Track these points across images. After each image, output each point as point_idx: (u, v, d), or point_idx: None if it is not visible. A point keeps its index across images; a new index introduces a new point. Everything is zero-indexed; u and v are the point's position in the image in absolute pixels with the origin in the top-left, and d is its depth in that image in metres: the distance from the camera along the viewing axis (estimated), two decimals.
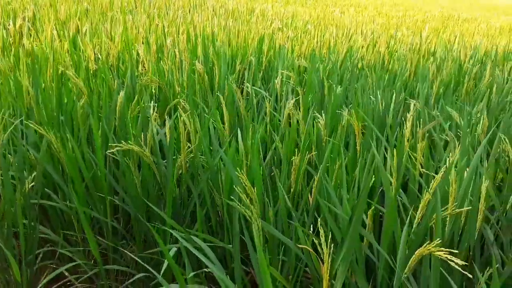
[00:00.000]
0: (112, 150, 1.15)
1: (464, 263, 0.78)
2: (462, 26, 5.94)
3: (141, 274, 1.30)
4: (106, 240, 1.42)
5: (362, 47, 3.30)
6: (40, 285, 1.35)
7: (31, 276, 1.39)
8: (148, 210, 1.37)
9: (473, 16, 9.45)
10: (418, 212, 0.99)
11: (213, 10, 4.83)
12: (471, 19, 8.39)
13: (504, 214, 1.26)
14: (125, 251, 1.27)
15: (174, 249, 1.10)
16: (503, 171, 1.44)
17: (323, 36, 3.52)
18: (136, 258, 1.16)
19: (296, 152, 1.24)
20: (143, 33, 2.73)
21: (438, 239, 0.75)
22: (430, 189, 0.93)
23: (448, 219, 0.96)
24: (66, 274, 1.47)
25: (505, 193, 1.25)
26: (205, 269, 1.04)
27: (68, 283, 1.52)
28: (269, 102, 1.99)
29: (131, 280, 1.35)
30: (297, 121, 1.58)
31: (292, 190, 1.23)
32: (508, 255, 1.20)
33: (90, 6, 4.14)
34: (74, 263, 1.38)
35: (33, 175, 1.34)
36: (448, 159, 0.98)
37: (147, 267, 1.05)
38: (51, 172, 1.39)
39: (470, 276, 0.84)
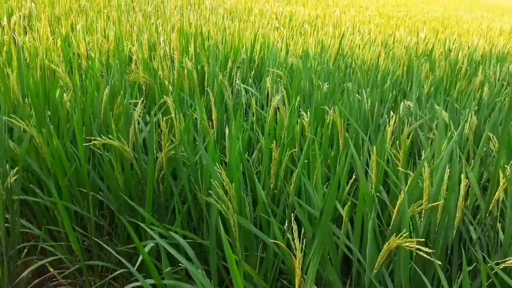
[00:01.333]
0: (89, 144, 1.15)
1: (439, 262, 0.78)
2: (462, 27, 5.92)
3: (122, 270, 1.30)
4: (90, 236, 1.42)
5: (358, 46, 3.29)
6: (21, 278, 1.35)
7: (13, 270, 1.39)
8: (131, 206, 1.37)
9: (474, 16, 9.42)
10: (395, 209, 0.98)
11: (211, 9, 4.83)
12: (472, 19, 8.36)
13: (488, 214, 1.25)
14: (106, 246, 1.27)
15: (150, 245, 1.10)
16: (489, 170, 1.43)
17: (319, 35, 3.51)
18: (115, 253, 1.16)
19: (276, 147, 1.24)
20: (136, 31, 2.73)
21: (404, 231, 0.75)
22: (406, 187, 0.92)
23: (422, 215, 0.95)
24: (50, 268, 1.47)
25: (490, 192, 1.24)
26: (181, 265, 1.03)
27: (54, 279, 1.52)
28: (259, 100, 1.99)
29: (112, 276, 1.35)
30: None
31: (272, 185, 1.23)
32: (490, 255, 1.19)
33: (87, 3, 4.15)
34: (56, 257, 1.38)
35: (15, 169, 1.34)
36: (423, 157, 0.98)
37: (124, 261, 1.04)
38: (35, 167, 1.39)
39: (442, 275, 0.83)
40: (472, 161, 1.38)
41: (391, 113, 1.47)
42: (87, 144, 1.20)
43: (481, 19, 8.84)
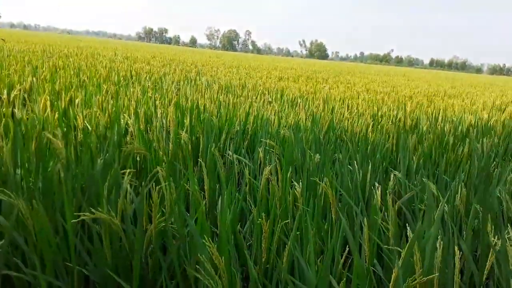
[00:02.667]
0: (78, 220, 1.13)
1: None
2: (447, 102, 6.19)
3: None
4: None
5: (347, 119, 3.41)
6: None
7: None
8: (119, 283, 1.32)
9: (458, 92, 9.88)
10: (391, 283, 0.95)
11: (207, 85, 5.04)
12: (457, 94, 8.75)
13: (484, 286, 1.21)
14: None
15: None
16: (481, 242, 1.41)
17: (310, 109, 3.64)
18: None
19: (267, 220, 1.22)
20: (134, 104, 2.83)
21: None
22: (399, 261, 0.91)
23: None
24: None
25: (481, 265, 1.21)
26: None
27: None
28: (251, 171, 2.01)
29: None
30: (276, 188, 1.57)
31: (264, 259, 1.19)
32: None
33: (87, 80, 4.32)
34: None
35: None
36: (411, 229, 0.97)
37: None
38: (20, 241, 1.35)
39: None
40: (464, 232, 1.37)
41: (382, 184, 1.49)
42: (75, 220, 1.18)
43: (464, 94, 9.27)
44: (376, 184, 1.81)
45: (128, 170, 1.56)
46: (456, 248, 1.06)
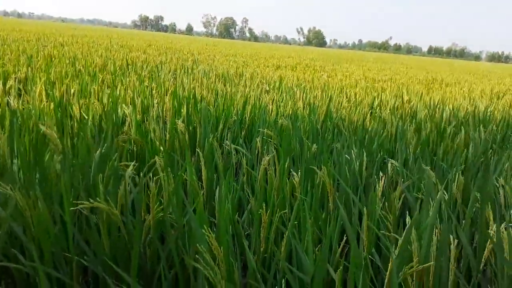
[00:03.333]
0: (76, 208, 1.13)
1: None
2: (444, 90, 6.18)
3: None
4: None
5: (345, 108, 3.40)
6: None
7: None
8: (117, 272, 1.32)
9: (457, 79, 9.86)
10: (387, 273, 0.96)
11: (204, 74, 5.01)
12: (455, 83, 8.74)
13: (481, 274, 1.22)
14: None
15: None
16: (479, 231, 1.42)
17: (308, 97, 3.63)
18: None
19: (266, 210, 1.23)
20: (130, 94, 2.81)
21: None
22: (395, 250, 0.91)
23: (414, 278, 0.93)
24: None
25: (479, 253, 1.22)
26: None
27: None
28: (249, 160, 2.01)
29: None
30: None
31: (262, 249, 1.20)
32: None
33: (83, 69, 4.29)
34: None
35: None
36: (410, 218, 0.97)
37: None
38: (18, 231, 1.35)
39: None
40: (463, 221, 1.38)
41: (380, 173, 1.49)
42: (74, 208, 1.18)
43: (463, 82, 9.26)
44: (375, 175, 1.82)
45: (127, 163, 1.55)
46: (451, 237, 1.06)
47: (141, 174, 1.53)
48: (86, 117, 2.45)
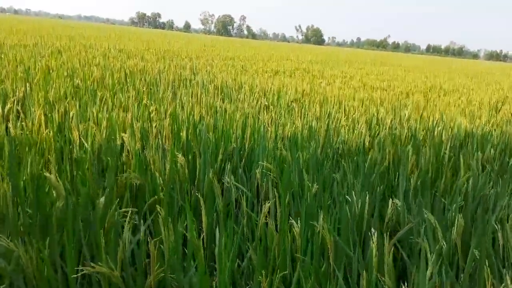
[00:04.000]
0: (79, 274, 1.13)
1: None
2: (443, 101, 6.19)
3: None
4: None
5: (343, 127, 3.40)
6: None
7: None
8: None
9: (455, 86, 9.88)
10: None
11: (203, 86, 5.00)
12: (453, 90, 8.76)
13: None
14: None
15: None
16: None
17: (307, 116, 3.64)
18: None
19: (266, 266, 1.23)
20: (129, 120, 2.80)
21: None
22: None
23: None
24: None
25: None
26: None
27: None
28: (249, 198, 2.01)
29: None
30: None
31: None
32: None
33: (81, 83, 4.27)
34: None
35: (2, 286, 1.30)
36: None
37: None
38: (21, 284, 1.35)
39: None
40: (462, 275, 1.38)
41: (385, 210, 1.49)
42: (75, 275, 1.18)
43: (461, 88, 9.28)
44: (375, 215, 1.82)
45: (126, 209, 1.55)
46: None
47: (141, 221, 1.53)
48: (86, 145, 2.44)
